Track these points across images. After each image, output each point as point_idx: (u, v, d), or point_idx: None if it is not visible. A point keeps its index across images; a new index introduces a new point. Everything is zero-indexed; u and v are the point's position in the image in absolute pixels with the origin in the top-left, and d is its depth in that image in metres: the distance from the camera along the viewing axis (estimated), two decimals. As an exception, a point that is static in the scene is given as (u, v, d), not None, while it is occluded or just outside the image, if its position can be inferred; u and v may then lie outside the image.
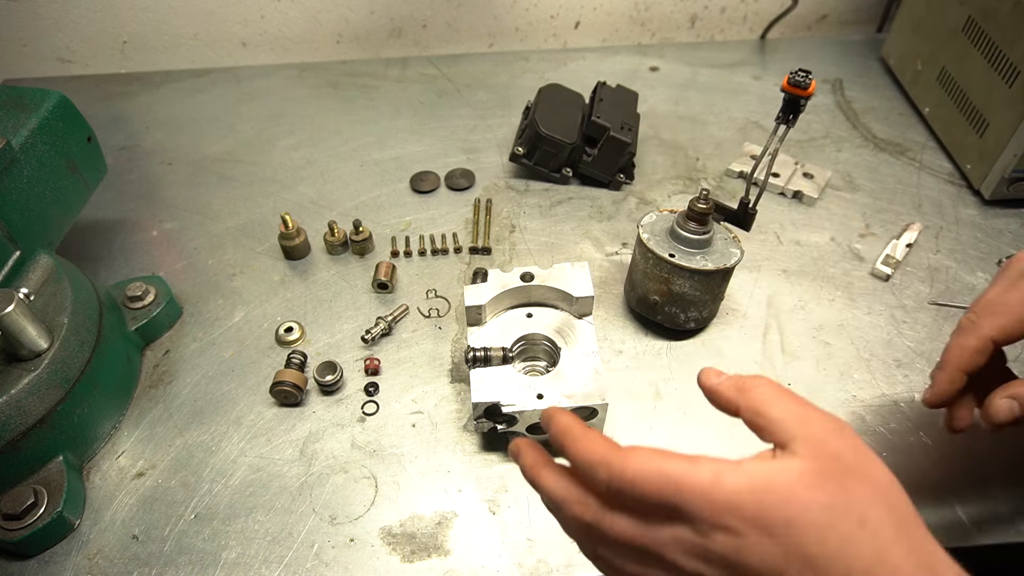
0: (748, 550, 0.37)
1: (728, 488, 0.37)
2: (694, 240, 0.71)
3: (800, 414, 0.40)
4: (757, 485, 0.37)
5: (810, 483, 0.37)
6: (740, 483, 0.38)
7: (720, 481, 0.38)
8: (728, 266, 0.71)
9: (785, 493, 0.37)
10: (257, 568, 0.62)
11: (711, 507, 0.37)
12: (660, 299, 0.74)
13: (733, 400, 0.43)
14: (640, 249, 0.74)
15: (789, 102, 0.66)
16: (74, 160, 0.75)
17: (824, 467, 0.38)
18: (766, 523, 0.37)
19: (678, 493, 0.38)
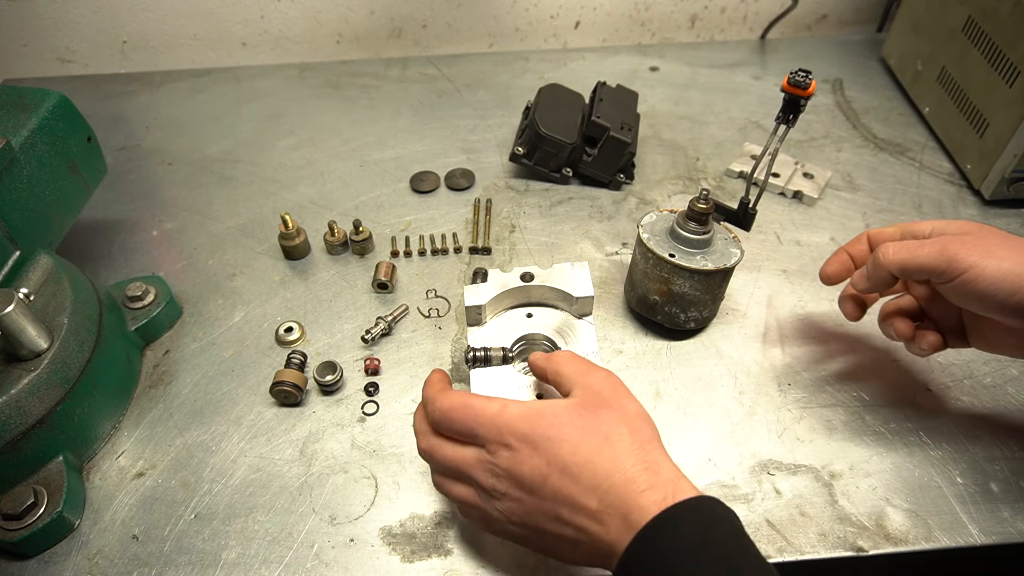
0: (522, 462, 0.49)
1: (509, 415, 0.50)
2: (694, 240, 0.71)
3: (582, 369, 0.53)
4: (531, 413, 0.49)
5: (571, 411, 0.50)
6: (518, 411, 0.50)
7: (504, 411, 0.50)
8: (728, 266, 0.71)
9: (550, 418, 0.49)
10: (257, 568, 0.62)
11: (496, 429, 0.50)
12: (660, 299, 0.74)
13: (543, 367, 0.56)
14: (640, 249, 0.74)
15: (789, 102, 0.66)
16: (74, 160, 0.75)
17: (586, 401, 0.50)
18: (533, 439, 0.48)
19: (475, 419, 0.50)
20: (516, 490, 0.49)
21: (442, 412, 0.52)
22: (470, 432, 0.51)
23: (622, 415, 0.50)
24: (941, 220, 0.61)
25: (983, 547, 0.62)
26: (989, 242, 0.54)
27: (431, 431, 0.55)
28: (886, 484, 0.66)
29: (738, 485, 0.66)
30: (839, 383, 0.74)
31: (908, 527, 0.63)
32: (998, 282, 0.52)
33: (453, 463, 0.53)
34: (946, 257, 0.54)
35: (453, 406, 0.52)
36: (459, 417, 0.51)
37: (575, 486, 0.47)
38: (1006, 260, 0.51)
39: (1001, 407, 0.72)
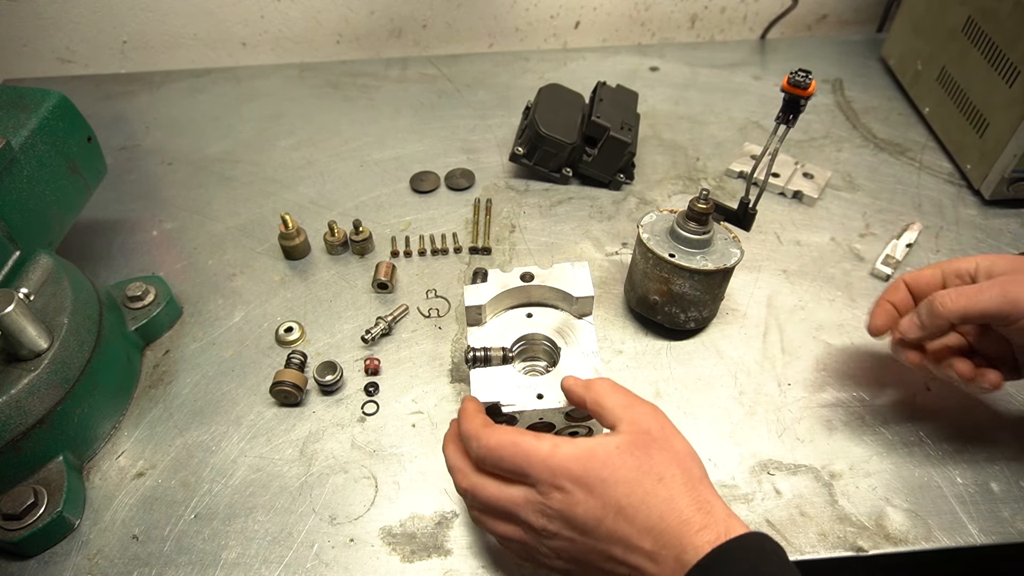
0: (576, 504, 0.48)
1: (561, 456, 0.49)
2: (694, 240, 0.71)
3: (625, 402, 0.53)
4: (583, 453, 0.49)
5: (623, 451, 0.49)
6: (570, 452, 0.49)
7: (555, 452, 0.49)
8: (728, 266, 0.71)
9: (603, 459, 0.49)
10: (257, 568, 0.62)
11: (548, 471, 0.49)
12: (660, 299, 0.74)
13: (581, 395, 0.55)
14: (640, 249, 0.74)
15: (789, 102, 0.66)
16: (74, 160, 0.75)
17: (636, 440, 0.50)
18: (588, 482, 0.48)
19: (525, 459, 0.50)
20: (568, 531, 0.49)
21: (489, 450, 0.51)
22: (520, 472, 0.50)
23: (673, 455, 0.50)
24: (984, 257, 0.60)
25: (983, 547, 0.62)
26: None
27: (472, 468, 0.54)
28: (886, 484, 0.66)
29: (738, 485, 0.66)
30: (839, 383, 0.74)
31: (908, 527, 0.63)
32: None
33: (499, 503, 0.52)
34: (1009, 300, 0.55)
35: (501, 444, 0.51)
36: (508, 456, 0.50)
37: (630, 528, 0.47)
38: None
39: (1001, 407, 0.72)
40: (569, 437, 0.50)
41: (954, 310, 0.57)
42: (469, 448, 0.53)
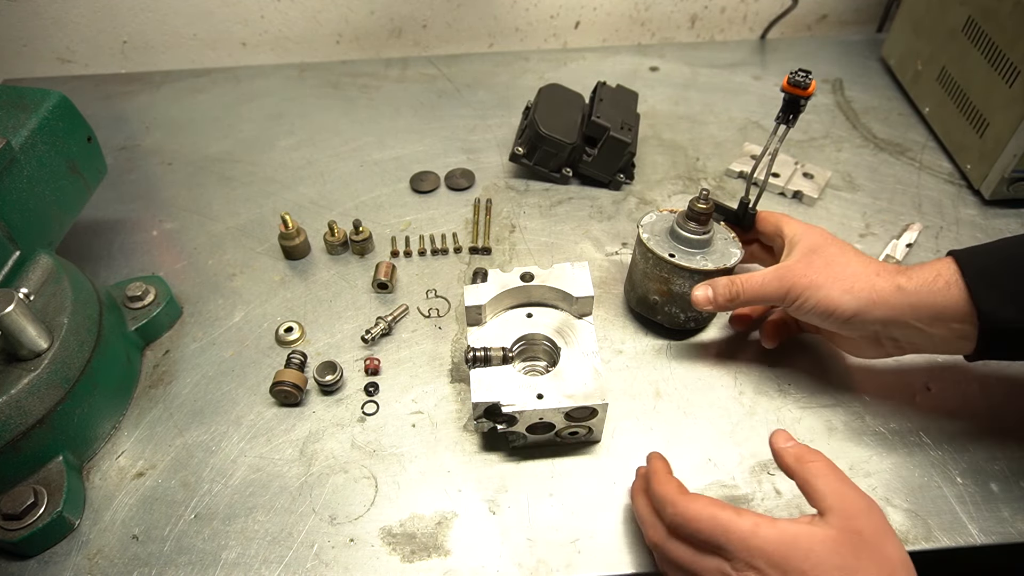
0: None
1: (762, 537, 0.48)
2: (694, 240, 0.71)
3: (839, 490, 0.50)
4: (786, 539, 0.47)
5: (829, 547, 0.47)
6: (772, 535, 0.48)
7: (757, 531, 0.48)
8: (728, 266, 0.71)
9: (806, 550, 0.47)
10: (257, 568, 0.62)
11: (747, 550, 0.48)
12: (660, 299, 0.74)
13: (791, 466, 0.53)
14: (640, 249, 0.74)
15: (789, 102, 0.66)
16: (74, 160, 0.75)
17: (845, 537, 0.47)
18: (786, 569, 0.46)
19: (724, 534, 0.49)
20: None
21: (686, 520, 0.51)
22: (716, 545, 0.49)
23: (882, 564, 0.47)
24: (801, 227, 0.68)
25: (983, 547, 0.62)
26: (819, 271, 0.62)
27: (666, 530, 0.53)
28: (886, 484, 0.66)
29: (738, 485, 0.66)
30: (839, 383, 0.74)
31: (908, 527, 0.63)
32: (821, 307, 0.62)
33: (690, 569, 0.52)
34: (784, 288, 0.64)
35: (699, 517, 0.50)
36: (706, 528, 0.50)
37: None
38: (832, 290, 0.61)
39: (1001, 407, 0.71)
40: (770, 518, 0.49)
41: (739, 293, 0.66)
42: (663, 513, 0.53)
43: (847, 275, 0.61)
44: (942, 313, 0.58)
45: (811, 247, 0.65)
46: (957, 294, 0.56)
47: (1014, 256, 0.55)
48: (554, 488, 0.67)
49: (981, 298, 0.55)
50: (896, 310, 0.59)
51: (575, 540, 0.63)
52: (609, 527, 0.64)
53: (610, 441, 0.70)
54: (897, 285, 0.59)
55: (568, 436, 0.68)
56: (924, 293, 0.58)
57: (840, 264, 0.62)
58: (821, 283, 0.61)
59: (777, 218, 0.71)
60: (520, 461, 0.69)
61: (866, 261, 0.63)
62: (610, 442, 0.70)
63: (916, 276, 0.59)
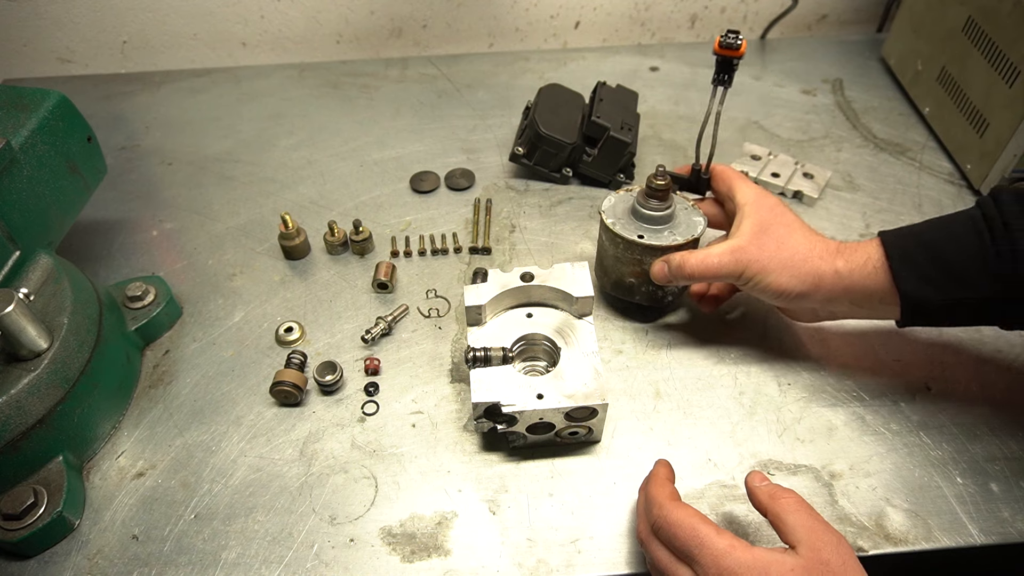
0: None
1: (735, 558, 0.49)
2: (658, 217, 0.73)
3: (808, 524, 0.51)
4: (758, 564, 0.49)
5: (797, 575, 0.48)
6: (745, 559, 0.49)
7: (731, 552, 0.49)
8: (696, 236, 0.73)
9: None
10: (257, 568, 0.62)
11: (717, 568, 0.49)
12: (636, 280, 0.76)
13: (764, 503, 0.55)
14: (607, 235, 0.75)
15: (722, 62, 0.70)
16: (74, 160, 0.75)
17: (813, 568, 0.49)
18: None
19: (699, 547, 0.50)
20: None
21: (667, 524, 0.53)
22: (688, 555, 0.51)
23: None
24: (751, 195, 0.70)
25: (983, 547, 0.62)
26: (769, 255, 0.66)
27: (650, 530, 0.55)
28: (886, 484, 0.66)
29: (738, 485, 0.66)
30: (839, 383, 0.74)
31: (908, 527, 0.63)
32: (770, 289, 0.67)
33: (666, 572, 0.53)
34: (740, 266, 0.67)
35: (679, 524, 0.52)
36: (682, 536, 0.52)
37: None
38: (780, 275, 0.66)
39: (1001, 407, 0.72)
40: (747, 543, 0.50)
41: (695, 272, 0.69)
42: (649, 513, 0.55)
43: (794, 260, 0.66)
44: (872, 294, 0.64)
45: (761, 224, 0.68)
46: (884, 277, 0.63)
47: (932, 240, 0.62)
48: (554, 488, 0.67)
49: (902, 280, 0.61)
50: (834, 292, 0.66)
51: (575, 540, 0.63)
52: (609, 527, 0.64)
53: (610, 441, 0.70)
54: (835, 269, 0.65)
55: (568, 436, 0.68)
56: (857, 277, 0.64)
57: (788, 247, 0.66)
58: (772, 268, 0.66)
59: (729, 179, 0.73)
60: (520, 461, 0.69)
61: (811, 242, 0.67)
62: (610, 442, 0.70)
63: (851, 259, 0.65)
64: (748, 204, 0.70)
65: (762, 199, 0.70)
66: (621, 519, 0.64)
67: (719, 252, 0.68)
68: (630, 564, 0.62)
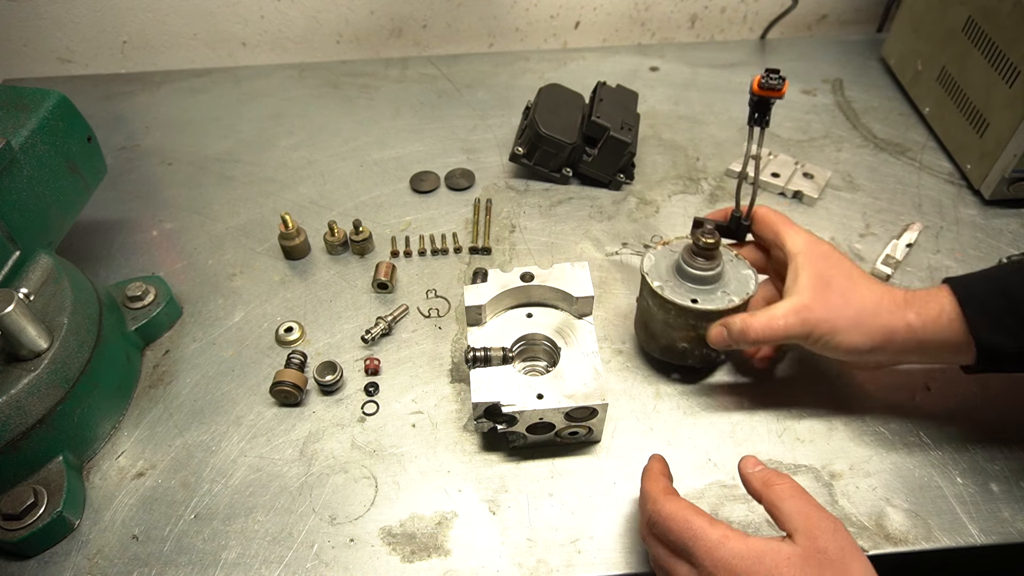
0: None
1: (729, 549, 0.49)
2: (708, 277, 0.68)
3: (804, 511, 0.50)
4: (753, 554, 0.48)
5: (795, 564, 0.47)
6: (739, 549, 0.48)
7: (725, 543, 0.49)
8: (751, 294, 0.68)
9: (771, 566, 0.47)
10: (257, 568, 0.62)
11: (711, 560, 0.49)
12: (689, 345, 0.70)
13: (758, 490, 0.54)
14: (655, 300, 0.69)
15: (758, 103, 0.65)
16: (74, 160, 0.75)
17: (809, 556, 0.48)
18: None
19: (693, 540, 0.50)
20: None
21: (661, 517, 0.52)
22: (684, 548, 0.51)
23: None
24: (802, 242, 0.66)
25: (983, 547, 0.62)
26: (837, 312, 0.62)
27: (646, 524, 0.55)
28: (886, 484, 0.66)
29: (738, 485, 0.66)
30: (839, 383, 0.74)
31: (908, 527, 0.63)
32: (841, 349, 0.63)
33: (664, 567, 0.53)
34: (807, 328, 0.63)
35: (672, 517, 0.52)
36: (676, 529, 0.51)
37: None
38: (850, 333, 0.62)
39: (1001, 407, 0.71)
40: (742, 533, 0.50)
41: (760, 337, 0.64)
42: (643, 508, 0.56)
43: (863, 316, 0.62)
44: (946, 345, 0.61)
45: (821, 277, 0.64)
46: (959, 327, 0.60)
47: (1008, 287, 0.59)
48: (554, 488, 0.67)
49: (978, 329, 0.59)
50: (907, 346, 0.62)
51: (575, 540, 0.63)
52: (609, 527, 0.64)
53: (610, 441, 0.70)
54: (907, 323, 0.61)
55: (568, 436, 0.68)
56: (931, 330, 0.61)
57: (855, 302, 0.63)
58: (841, 327, 0.62)
59: (774, 224, 0.69)
60: (520, 461, 0.69)
61: (876, 295, 0.63)
62: (610, 442, 0.70)
63: (922, 312, 0.61)
64: (801, 254, 0.65)
65: (814, 247, 0.66)
66: (621, 519, 0.64)
67: (784, 313, 0.63)
68: (630, 564, 0.62)
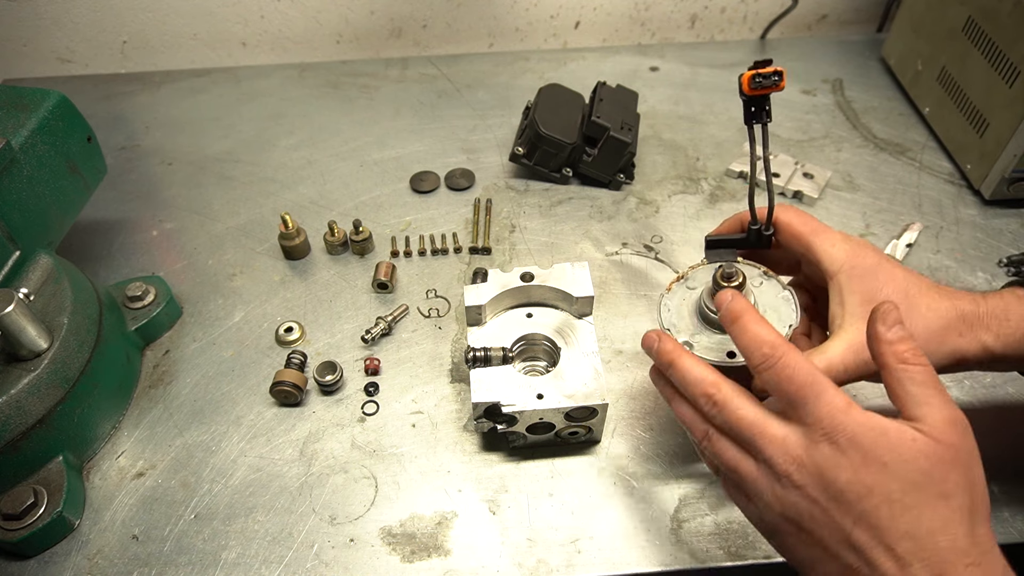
0: (842, 468, 0.43)
1: (855, 418, 0.44)
2: None
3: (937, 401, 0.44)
4: (877, 427, 0.43)
5: (920, 449, 0.43)
6: (863, 419, 0.44)
7: (851, 411, 0.44)
8: (795, 326, 0.58)
9: (894, 442, 0.43)
10: (257, 568, 0.62)
11: (833, 422, 0.43)
12: None
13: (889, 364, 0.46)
14: None
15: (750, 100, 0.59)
16: (74, 160, 0.75)
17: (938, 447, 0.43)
18: (866, 456, 0.43)
19: (816, 396, 0.44)
20: (817, 491, 0.44)
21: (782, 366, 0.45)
22: (800, 403, 0.44)
23: (969, 481, 0.44)
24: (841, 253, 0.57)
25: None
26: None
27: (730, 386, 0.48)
28: (886, 484, 0.66)
29: (738, 485, 0.66)
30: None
31: (908, 527, 0.63)
32: None
33: (749, 428, 0.46)
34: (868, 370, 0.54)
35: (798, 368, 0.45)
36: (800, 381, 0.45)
37: (891, 523, 0.42)
38: None
39: (1001, 407, 0.71)
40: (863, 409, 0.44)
41: None
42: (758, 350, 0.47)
43: (929, 343, 0.54)
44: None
45: (873, 300, 0.53)
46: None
47: None
48: (554, 488, 0.67)
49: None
50: (980, 367, 0.56)
51: (575, 540, 0.63)
52: (609, 527, 0.64)
53: (610, 441, 0.70)
54: (983, 346, 0.54)
55: (568, 436, 0.68)
56: (1012, 348, 0.54)
57: (917, 327, 0.54)
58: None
59: (803, 236, 0.59)
60: (520, 461, 0.69)
61: (941, 313, 0.55)
62: (610, 442, 0.70)
63: (1001, 331, 0.54)
64: (842, 272, 0.56)
65: (858, 259, 0.56)
66: (621, 519, 0.64)
67: (840, 354, 0.54)
68: (630, 564, 0.62)
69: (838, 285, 0.56)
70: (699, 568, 0.62)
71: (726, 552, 0.62)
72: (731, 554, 0.62)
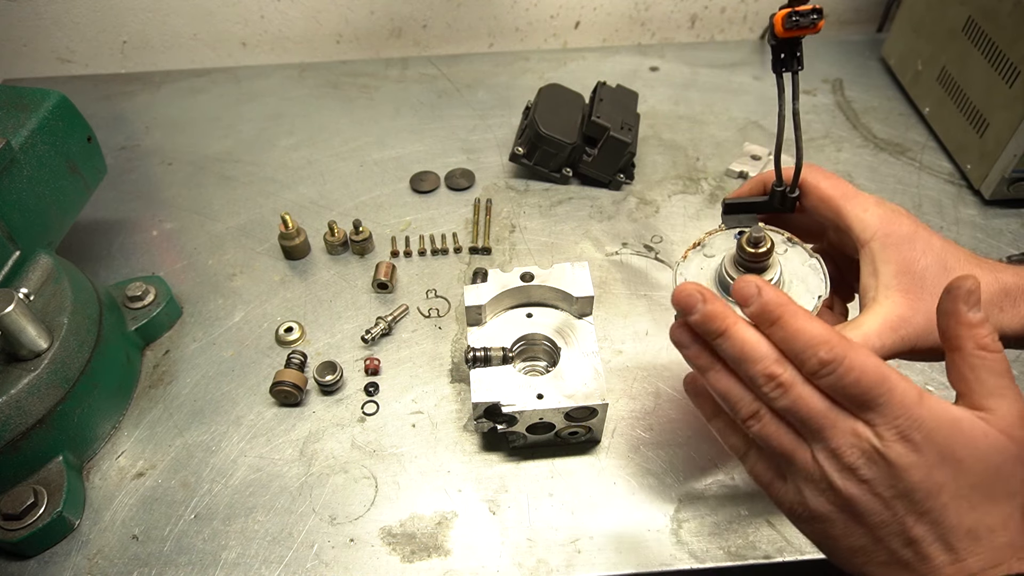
0: (916, 466, 0.40)
1: (928, 408, 0.41)
2: None
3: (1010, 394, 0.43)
4: (951, 419, 0.41)
5: (994, 444, 0.41)
6: (938, 410, 0.41)
7: (924, 402, 0.41)
8: (824, 297, 0.54)
9: (970, 438, 0.41)
10: (257, 568, 0.62)
11: (907, 417, 0.41)
12: None
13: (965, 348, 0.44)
14: None
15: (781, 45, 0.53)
16: (74, 160, 0.75)
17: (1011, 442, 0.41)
18: (943, 452, 0.40)
19: (887, 393, 0.41)
20: (883, 487, 0.41)
21: (847, 366, 0.41)
22: (872, 401, 0.41)
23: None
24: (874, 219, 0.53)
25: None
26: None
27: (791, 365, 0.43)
28: (886, 484, 0.66)
29: (738, 485, 0.66)
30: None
31: (908, 527, 0.63)
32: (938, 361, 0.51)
33: (817, 419, 0.42)
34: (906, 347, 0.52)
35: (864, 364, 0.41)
36: (869, 381, 0.41)
37: (955, 520, 0.41)
38: None
39: None
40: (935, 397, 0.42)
41: None
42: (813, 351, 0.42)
43: None
44: None
45: (910, 271, 0.51)
46: None
47: None
48: (554, 488, 0.67)
49: None
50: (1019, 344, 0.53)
51: (575, 540, 0.63)
52: (609, 527, 0.64)
53: (610, 441, 0.70)
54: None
55: (568, 436, 0.68)
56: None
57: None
58: None
59: (832, 200, 0.55)
60: (520, 461, 0.69)
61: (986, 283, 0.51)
62: (610, 442, 0.70)
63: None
64: (875, 240, 0.52)
65: (893, 226, 0.52)
66: (621, 519, 0.64)
67: (877, 330, 0.51)
68: (630, 564, 0.62)
69: (871, 254, 0.53)
70: (699, 568, 0.62)
71: (726, 552, 0.62)
72: (731, 554, 0.62)
